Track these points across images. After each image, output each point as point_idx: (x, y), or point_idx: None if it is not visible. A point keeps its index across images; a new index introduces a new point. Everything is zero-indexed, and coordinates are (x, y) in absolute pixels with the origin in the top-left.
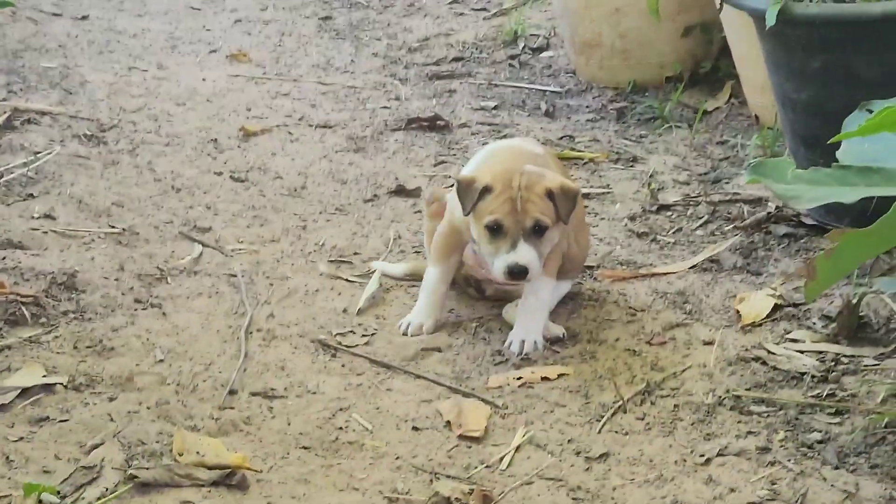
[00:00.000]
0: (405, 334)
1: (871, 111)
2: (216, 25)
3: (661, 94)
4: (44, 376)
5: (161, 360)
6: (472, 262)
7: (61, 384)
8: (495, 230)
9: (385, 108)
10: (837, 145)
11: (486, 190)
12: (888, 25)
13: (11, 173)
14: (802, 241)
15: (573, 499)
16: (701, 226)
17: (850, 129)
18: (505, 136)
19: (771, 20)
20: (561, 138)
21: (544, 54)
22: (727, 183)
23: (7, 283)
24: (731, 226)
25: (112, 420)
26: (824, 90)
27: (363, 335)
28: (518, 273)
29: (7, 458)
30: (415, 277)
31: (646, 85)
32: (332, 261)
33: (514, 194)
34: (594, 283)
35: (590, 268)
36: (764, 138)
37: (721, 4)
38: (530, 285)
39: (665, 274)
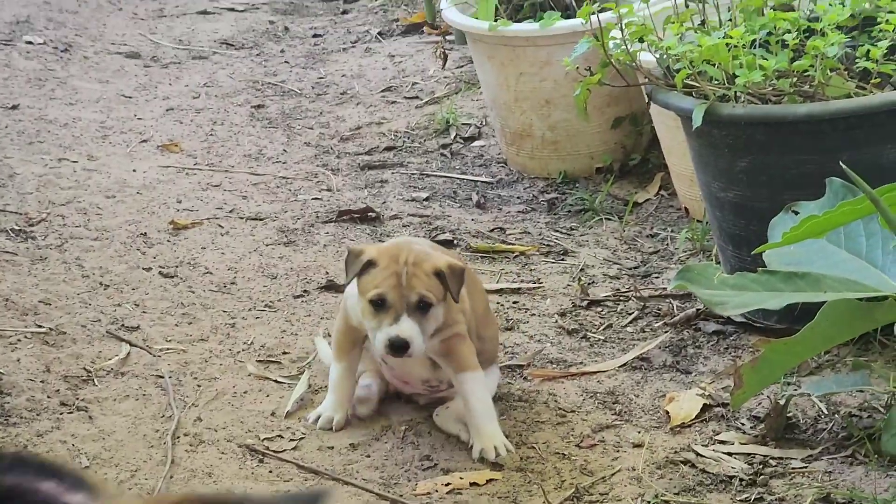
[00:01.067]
0: (318, 427)
1: (796, 212)
2: (148, 114)
3: (592, 184)
4: None
5: (87, 467)
6: (392, 379)
7: None
8: (379, 304)
9: (316, 199)
10: (765, 243)
11: (371, 264)
12: (812, 126)
13: None
14: (731, 338)
15: None
16: (631, 322)
17: (775, 232)
18: (436, 229)
19: (697, 121)
20: (492, 230)
21: (476, 143)
22: (657, 277)
23: None
24: (661, 322)
25: None
26: (750, 190)
27: (291, 439)
28: (399, 347)
29: None
30: None
31: (576, 175)
32: (260, 360)
33: (400, 269)
34: (524, 382)
35: (520, 367)
36: (694, 231)
37: (649, 101)
38: (465, 388)
39: (595, 373)
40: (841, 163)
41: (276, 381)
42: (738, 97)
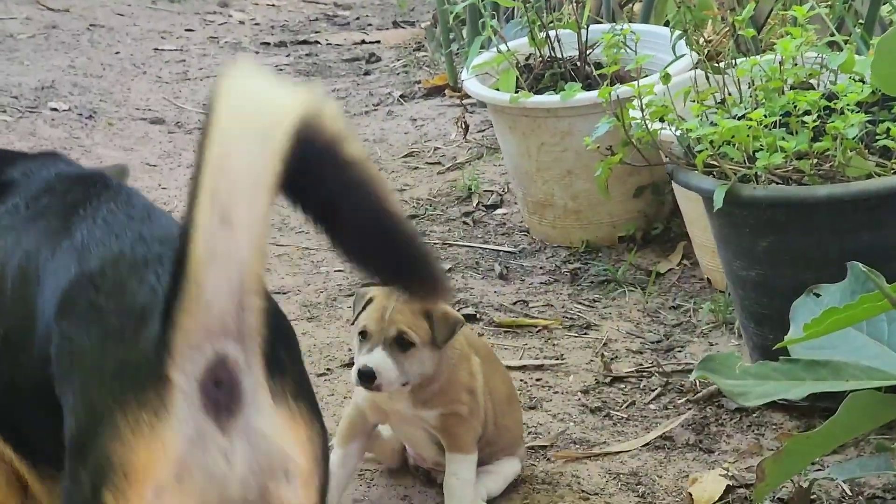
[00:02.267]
0: None
1: (818, 295)
2: (172, 183)
3: (615, 253)
4: None
5: None
6: (411, 452)
7: None
8: (362, 337)
9: (339, 271)
10: (787, 322)
11: (370, 301)
12: (832, 207)
13: None
14: (754, 415)
15: None
16: (654, 399)
17: (797, 314)
18: (458, 302)
19: (718, 203)
20: (515, 303)
21: (498, 211)
22: (680, 351)
23: None
24: (684, 399)
25: None
26: (772, 270)
27: None
28: (365, 375)
29: None
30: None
31: (599, 244)
32: None
33: (388, 304)
34: (547, 463)
35: (543, 447)
36: (716, 303)
37: (671, 177)
38: (450, 466)
39: (618, 453)
40: (860, 255)
41: None
42: (759, 177)
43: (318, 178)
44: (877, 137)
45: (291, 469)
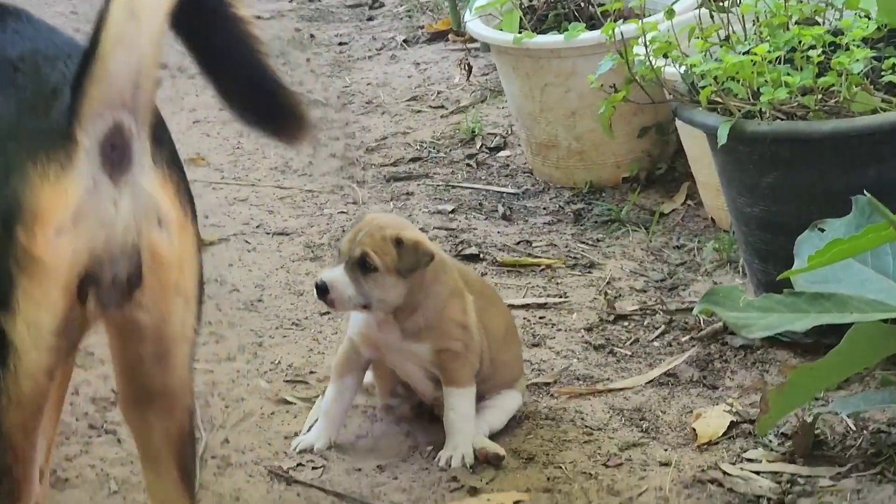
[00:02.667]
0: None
1: (822, 230)
2: (174, 127)
3: (618, 194)
4: None
5: (115, 492)
6: (419, 390)
7: None
8: (337, 256)
9: (342, 212)
10: (791, 258)
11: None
12: (837, 143)
13: None
14: (759, 352)
15: None
16: (658, 336)
17: (801, 249)
18: (462, 242)
19: (722, 138)
20: (518, 243)
21: (501, 153)
22: (684, 290)
23: None
24: (688, 336)
25: None
26: (776, 206)
27: (320, 464)
28: (319, 288)
29: None
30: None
31: (603, 185)
32: (287, 381)
33: (363, 227)
34: (551, 399)
35: (547, 384)
36: (720, 242)
37: (674, 115)
38: (447, 401)
39: (622, 389)
40: (865, 185)
41: (302, 402)
42: (764, 113)
43: (209, 27)
44: (882, 73)
45: (164, 218)
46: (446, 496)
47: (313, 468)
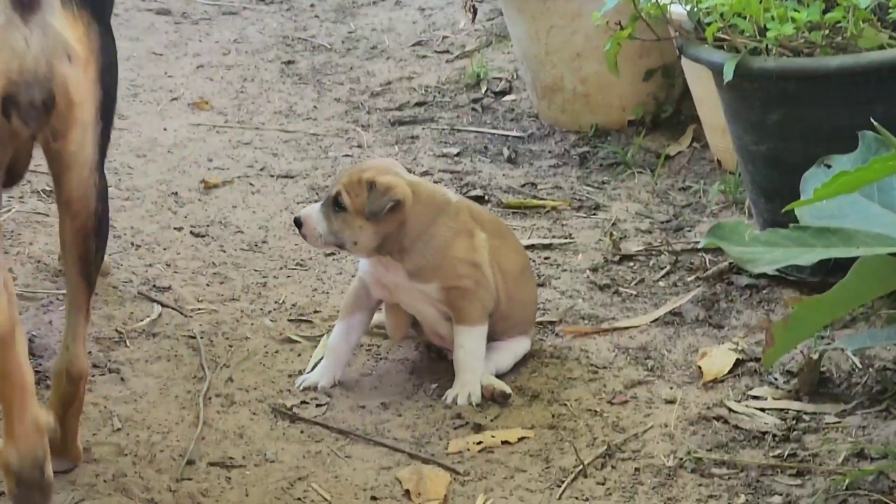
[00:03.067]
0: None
1: (829, 166)
2: (178, 72)
3: (624, 137)
4: None
5: (119, 429)
6: (427, 331)
7: None
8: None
9: (347, 155)
10: (797, 196)
11: None
12: (844, 79)
13: None
14: (764, 291)
15: None
16: (663, 276)
17: (808, 185)
18: (467, 185)
19: (728, 75)
20: (523, 185)
21: (507, 98)
22: (689, 231)
23: None
24: (694, 276)
25: (69, 495)
26: (783, 143)
27: (324, 401)
28: (295, 221)
29: None
30: (381, 328)
31: (608, 128)
32: (291, 320)
33: (349, 171)
34: (556, 338)
35: (552, 323)
36: (726, 184)
37: (680, 52)
38: (456, 339)
39: (627, 328)
40: (872, 119)
41: (307, 341)
42: (770, 50)
43: None
44: (889, 10)
45: (71, 54)
46: (450, 433)
47: (317, 405)
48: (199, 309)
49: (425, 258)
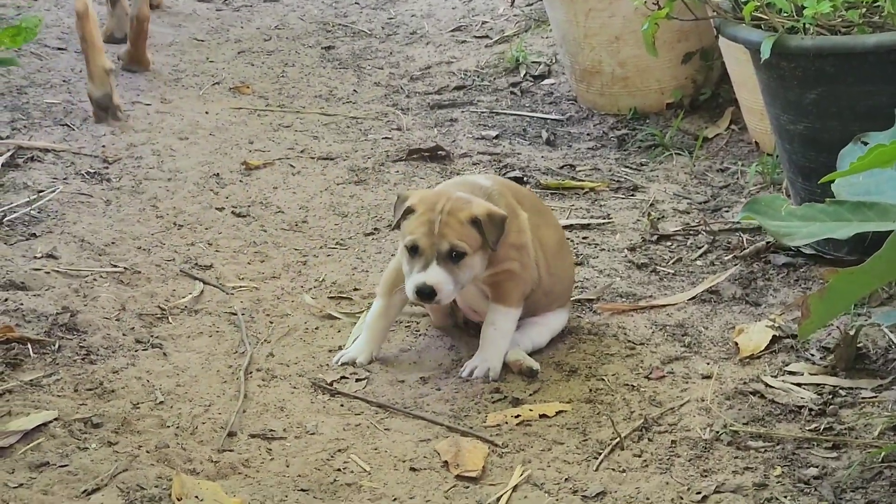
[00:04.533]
0: (341, 365)
1: (865, 143)
2: (219, 57)
3: (662, 120)
4: (48, 422)
5: (161, 403)
6: (464, 307)
7: (62, 428)
8: (412, 251)
9: (387, 138)
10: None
11: (410, 210)
12: (881, 57)
13: (14, 212)
14: (801, 270)
15: None
16: (700, 256)
17: (844, 162)
18: (505, 167)
19: (765, 53)
20: (562, 167)
21: (546, 81)
22: (727, 211)
23: (10, 325)
24: (731, 255)
25: (112, 465)
26: (820, 122)
27: (363, 376)
28: (426, 294)
29: None
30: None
31: (646, 111)
32: (331, 297)
33: (434, 217)
34: (594, 316)
35: (590, 301)
36: (764, 165)
37: (718, 34)
38: (489, 316)
39: (664, 306)
40: None
41: (346, 317)
42: (807, 29)
43: None
44: None
45: None
46: (489, 407)
47: (357, 380)
48: (241, 286)
49: None
